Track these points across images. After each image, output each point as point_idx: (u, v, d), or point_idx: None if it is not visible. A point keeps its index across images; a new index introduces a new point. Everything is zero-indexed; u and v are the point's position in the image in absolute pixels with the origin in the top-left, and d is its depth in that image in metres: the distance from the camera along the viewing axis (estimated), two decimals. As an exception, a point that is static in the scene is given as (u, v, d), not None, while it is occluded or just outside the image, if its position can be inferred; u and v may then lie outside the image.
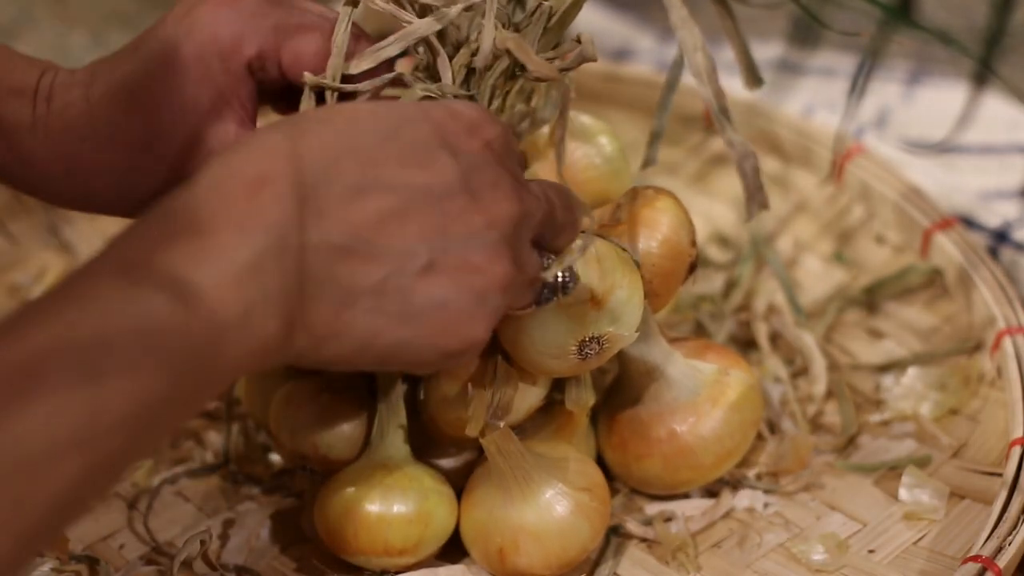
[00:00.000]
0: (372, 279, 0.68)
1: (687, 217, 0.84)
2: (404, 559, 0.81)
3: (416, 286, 0.69)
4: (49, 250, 1.02)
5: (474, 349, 0.72)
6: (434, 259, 0.69)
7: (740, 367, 0.86)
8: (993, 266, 0.95)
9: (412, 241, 0.69)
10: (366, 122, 0.70)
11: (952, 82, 1.15)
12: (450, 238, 0.70)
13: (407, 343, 0.70)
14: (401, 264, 0.69)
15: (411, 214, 0.69)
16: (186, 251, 0.63)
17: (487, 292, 0.71)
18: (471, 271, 0.70)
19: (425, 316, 0.70)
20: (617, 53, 1.20)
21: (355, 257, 0.68)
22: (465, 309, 0.70)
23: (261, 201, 0.65)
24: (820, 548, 0.84)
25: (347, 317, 0.68)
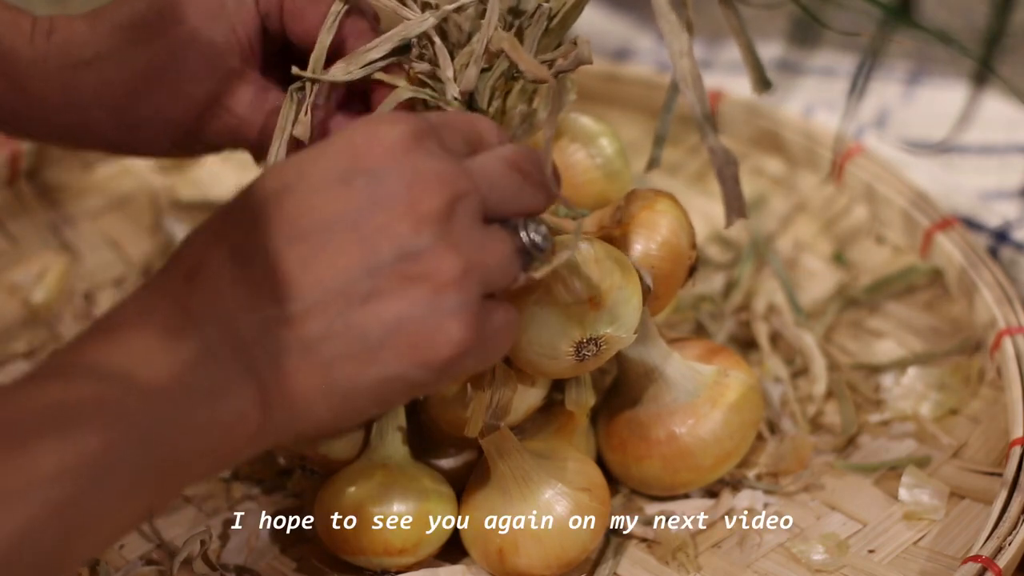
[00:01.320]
0: (322, 328, 0.67)
1: (687, 219, 0.84)
2: (404, 559, 0.81)
3: (366, 316, 0.68)
4: (49, 250, 1.02)
5: (464, 351, 0.70)
6: (373, 284, 0.68)
7: (740, 368, 0.86)
8: (993, 266, 0.95)
9: (343, 276, 0.68)
10: (272, 181, 0.69)
11: (952, 82, 1.15)
12: (380, 256, 0.68)
13: (388, 375, 0.69)
14: (342, 302, 0.68)
15: (331, 250, 0.68)
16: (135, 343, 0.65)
17: (442, 292, 0.68)
18: (414, 280, 0.68)
19: (389, 341, 0.68)
20: (617, 53, 1.20)
21: (297, 314, 0.67)
22: (425, 318, 0.68)
23: (197, 291, 0.66)
24: (820, 548, 0.84)
25: (316, 375, 0.68)
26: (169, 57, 0.79)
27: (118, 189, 1.06)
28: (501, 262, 0.71)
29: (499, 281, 0.71)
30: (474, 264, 0.69)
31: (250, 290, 0.67)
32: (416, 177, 0.69)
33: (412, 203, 0.69)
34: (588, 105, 1.05)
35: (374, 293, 0.68)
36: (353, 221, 0.68)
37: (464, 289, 0.69)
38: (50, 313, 0.98)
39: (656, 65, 1.18)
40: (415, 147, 0.70)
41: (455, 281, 0.69)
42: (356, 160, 0.69)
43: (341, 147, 0.70)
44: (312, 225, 0.68)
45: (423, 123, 0.71)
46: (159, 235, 1.04)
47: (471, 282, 0.69)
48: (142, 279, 1.00)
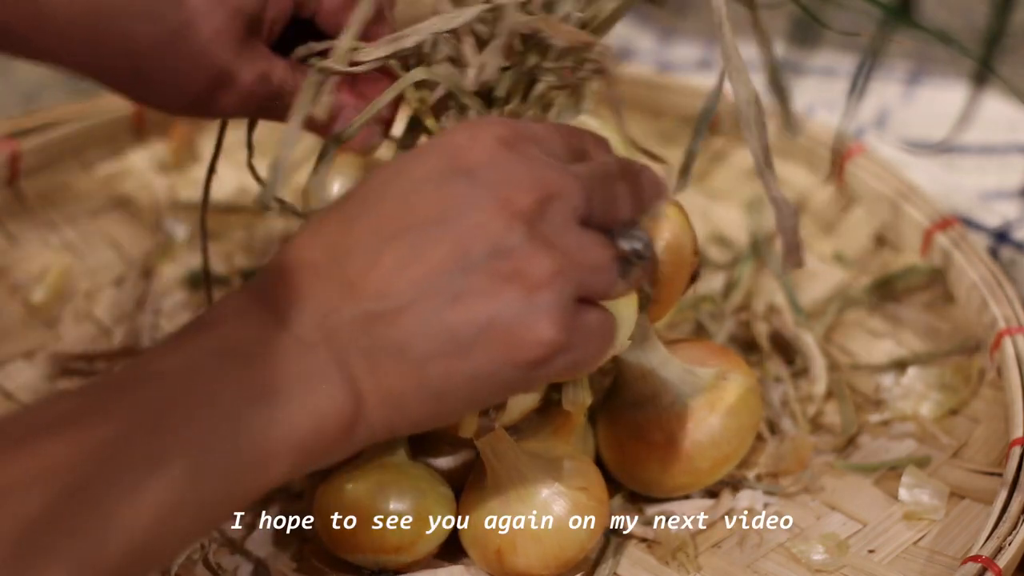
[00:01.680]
0: (416, 326, 0.68)
1: (690, 225, 0.84)
2: (401, 557, 0.81)
3: (459, 315, 0.68)
4: (49, 250, 1.02)
5: (555, 351, 0.69)
6: (466, 283, 0.68)
7: (739, 369, 0.86)
8: (993, 266, 0.95)
9: (436, 274, 0.68)
10: (376, 179, 0.71)
11: (952, 82, 1.15)
12: (472, 255, 0.68)
13: (480, 373, 0.69)
14: (436, 301, 0.68)
15: (425, 249, 0.68)
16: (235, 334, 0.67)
17: (533, 292, 0.68)
18: (506, 279, 0.68)
19: (480, 339, 0.68)
20: (617, 53, 1.20)
21: (391, 312, 0.68)
22: (516, 317, 0.68)
23: (299, 286, 0.67)
24: (820, 548, 0.84)
25: (410, 373, 0.68)
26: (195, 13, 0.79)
27: (118, 189, 1.06)
28: (598, 266, 0.71)
29: (595, 286, 0.71)
30: (567, 265, 0.69)
31: (346, 287, 0.68)
32: (511, 175, 0.69)
33: (505, 201, 0.69)
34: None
35: (467, 291, 0.68)
36: (448, 220, 0.69)
37: (555, 289, 0.69)
38: (50, 313, 0.98)
39: (656, 65, 1.18)
40: (514, 148, 0.70)
41: (547, 280, 0.69)
42: (454, 160, 0.70)
43: (441, 147, 0.71)
44: (408, 224, 0.69)
45: (524, 127, 0.72)
46: (159, 235, 1.04)
47: (563, 282, 0.69)
48: (142, 279, 1.00)
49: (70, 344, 0.96)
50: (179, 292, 1.00)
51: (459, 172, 0.69)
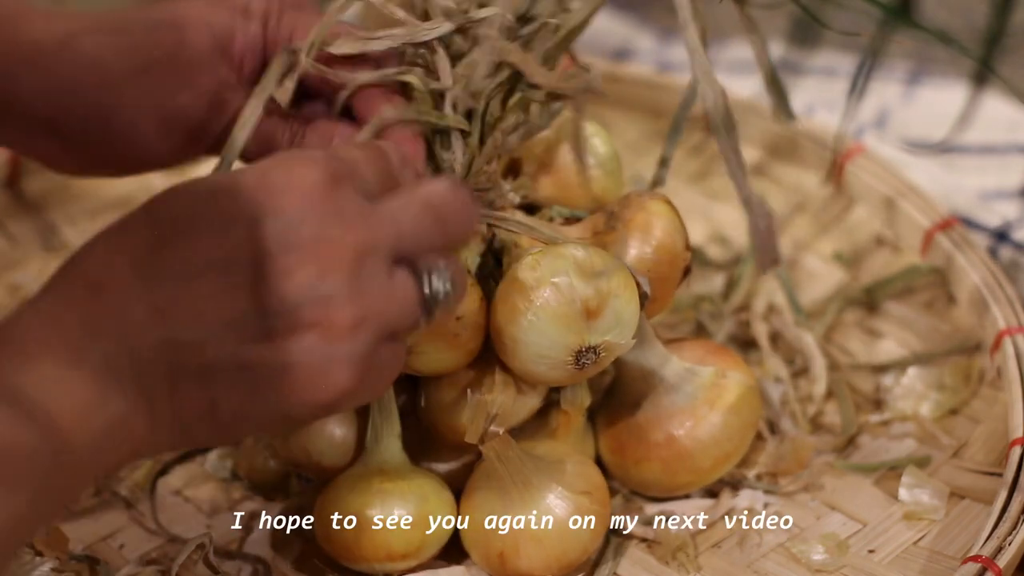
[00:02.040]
0: (215, 359, 0.68)
1: (681, 221, 0.84)
2: (406, 563, 0.81)
3: (258, 355, 0.69)
4: (49, 250, 1.02)
5: (347, 395, 0.71)
6: (269, 325, 0.69)
7: (738, 368, 0.86)
8: (993, 266, 0.95)
9: (241, 314, 0.68)
10: (183, 202, 0.70)
11: (952, 82, 1.15)
12: (279, 299, 0.69)
13: (271, 410, 0.70)
14: (237, 338, 0.68)
15: (233, 287, 0.68)
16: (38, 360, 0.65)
17: (333, 341, 0.69)
18: (308, 326, 0.69)
19: (276, 380, 0.69)
20: (617, 53, 1.20)
21: (195, 342, 0.68)
22: (314, 363, 0.69)
23: (101, 306, 0.67)
24: (820, 548, 0.84)
25: (204, 402, 0.69)
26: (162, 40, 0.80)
27: (118, 189, 1.06)
28: (402, 311, 0.72)
29: (399, 327, 0.72)
30: (372, 314, 0.70)
31: (153, 312, 0.68)
32: (326, 227, 0.70)
33: (319, 252, 0.69)
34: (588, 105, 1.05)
35: (268, 334, 0.69)
36: (259, 261, 0.69)
37: (356, 339, 0.70)
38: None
39: (656, 65, 1.18)
40: (330, 194, 0.70)
41: (348, 331, 0.69)
42: (270, 199, 0.70)
43: (257, 183, 0.70)
44: (218, 259, 0.69)
45: (340, 166, 0.71)
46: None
47: (365, 332, 0.70)
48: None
49: (70, 344, 0.96)
50: (179, 292, 1.00)
51: (274, 213, 0.69)
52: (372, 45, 0.80)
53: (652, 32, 1.22)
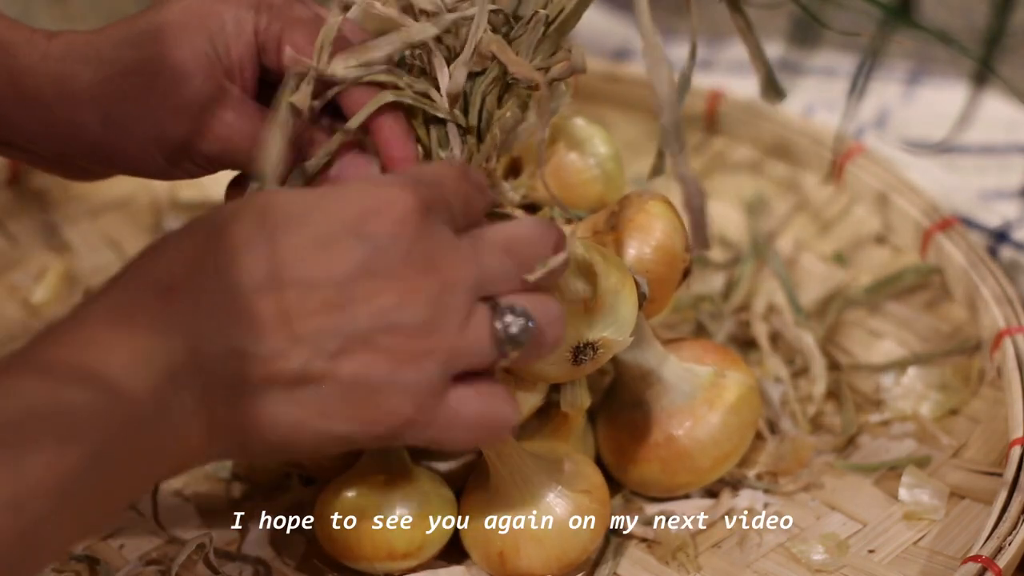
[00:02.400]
0: (283, 373, 0.68)
1: (681, 222, 0.84)
2: (407, 562, 0.81)
3: (326, 373, 0.69)
4: (49, 250, 1.02)
5: (406, 426, 0.71)
6: (341, 345, 0.69)
7: (737, 368, 0.86)
8: (993, 266, 0.95)
9: (317, 332, 0.68)
10: (274, 214, 0.70)
11: (952, 82, 1.15)
12: (356, 323, 0.69)
13: (331, 429, 0.70)
14: (308, 355, 0.68)
15: (313, 305, 0.68)
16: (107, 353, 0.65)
17: (400, 367, 0.70)
18: (380, 350, 0.69)
19: (340, 400, 0.69)
20: (617, 53, 1.20)
21: (265, 355, 0.68)
22: (379, 388, 0.70)
23: (172, 308, 0.67)
24: (820, 548, 0.84)
25: (266, 415, 0.69)
26: (164, 68, 0.79)
27: (118, 189, 1.06)
28: (477, 348, 0.71)
29: (474, 364, 0.72)
30: (443, 348, 0.70)
31: (225, 320, 0.67)
32: (415, 255, 0.70)
33: (404, 280, 0.70)
34: (588, 105, 1.05)
35: (340, 353, 0.69)
36: (342, 282, 0.69)
37: (422, 369, 0.70)
38: (50, 313, 0.98)
39: (656, 65, 1.18)
40: (422, 223, 0.70)
41: (416, 359, 0.70)
42: (363, 222, 0.70)
43: (348, 203, 0.70)
44: (301, 276, 0.69)
45: (431, 195, 0.71)
46: (159, 235, 1.03)
47: (434, 364, 0.70)
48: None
49: (70, 344, 0.96)
50: (179, 292, 1.00)
51: (364, 236, 0.69)
52: (372, 54, 0.79)
53: (652, 32, 1.22)
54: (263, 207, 0.70)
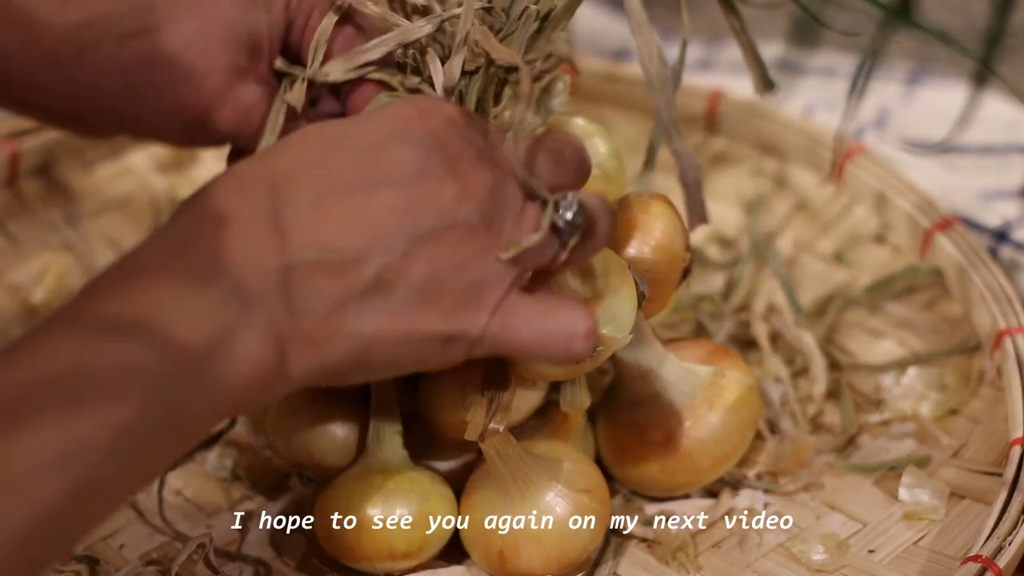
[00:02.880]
0: (352, 284, 0.69)
1: (681, 222, 0.84)
2: (407, 562, 0.81)
3: (397, 275, 0.69)
4: (49, 250, 1.02)
5: (477, 326, 0.71)
6: (409, 247, 0.69)
7: (737, 368, 0.86)
8: (993, 266, 0.95)
9: (383, 237, 0.69)
10: (316, 138, 0.71)
11: (952, 82, 1.15)
12: (420, 222, 0.70)
13: (408, 335, 0.70)
14: (377, 260, 0.69)
15: (374, 211, 0.69)
16: (159, 288, 0.65)
17: (468, 265, 0.70)
18: (450, 248, 0.70)
19: (416, 305, 0.70)
20: (617, 53, 1.20)
21: (331, 267, 0.68)
22: (450, 288, 0.70)
23: (229, 235, 0.67)
24: (820, 548, 0.84)
25: (338, 325, 0.69)
26: (190, 34, 0.79)
27: (118, 189, 1.06)
28: (536, 239, 0.72)
29: (534, 260, 0.73)
30: (504, 241, 0.71)
31: (288, 236, 0.68)
32: (461, 153, 0.71)
33: (458, 176, 0.71)
34: (588, 105, 1.05)
35: (407, 255, 0.69)
36: (397, 183, 0.70)
37: (486, 263, 0.71)
38: (50, 313, 0.98)
39: (656, 65, 1.18)
40: (461, 128, 0.72)
41: (480, 253, 0.71)
42: (404, 130, 0.71)
43: (387, 117, 0.72)
44: (355, 182, 0.69)
45: (466, 112, 0.73)
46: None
47: (495, 258, 0.71)
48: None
49: (70, 344, 0.96)
50: (179, 292, 1.00)
51: (409, 142, 0.71)
52: (367, 56, 0.80)
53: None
54: (303, 135, 0.71)
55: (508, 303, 0.72)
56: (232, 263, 0.67)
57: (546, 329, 0.73)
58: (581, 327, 0.73)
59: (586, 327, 0.73)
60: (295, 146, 0.71)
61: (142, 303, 0.65)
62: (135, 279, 0.66)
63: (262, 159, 0.71)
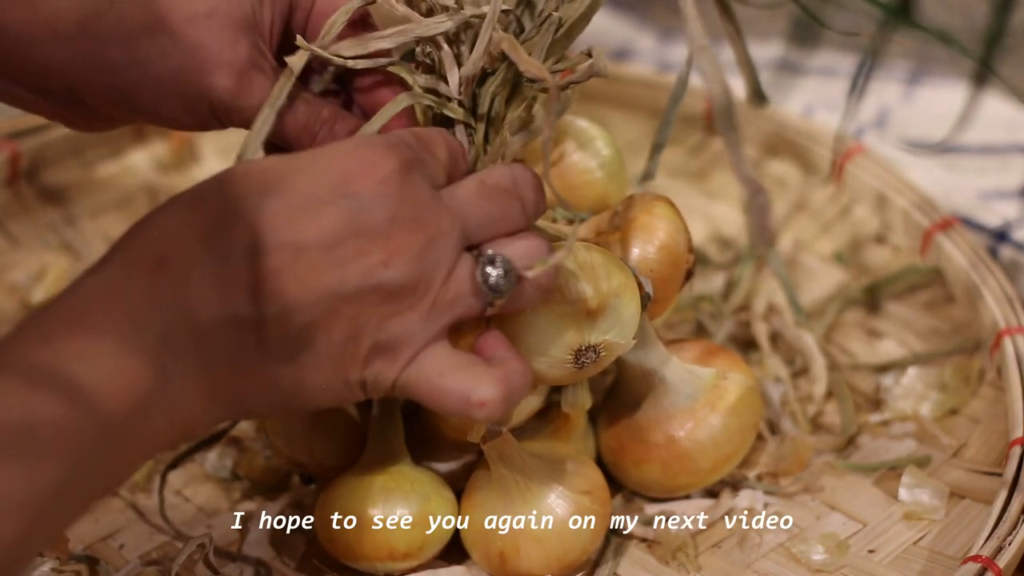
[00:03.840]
0: (280, 335, 0.69)
1: (684, 224, 0.84)
2: (408, 563, 0.81)
3: (320, 331, 0.70)
4: (49, 250, 1.02)
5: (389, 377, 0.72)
6: (334, 305, 0.70)
7: (739, 369, 0.86)
8: (993, 266, 0.95)
9: (310, 292, 0.69)
10: (258, 180, 0.71)
11: (952, 82, 1.15)
12: (347, 282, 0.70)
13: (331, 382, 0.71)
14: (304, 316, 0.69)
15: (303, 267, 0.69)
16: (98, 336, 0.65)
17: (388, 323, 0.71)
18: (373, 307, 0.71)
19: (335, 359, 0.71)
20: (617, 53, 1.20)
21: (261, 318, 0.69)
22: (367, 344, 0.71)
23: (166, 280, 0.67)
24: (820, 548, 0.84)
25: (262, 375, 0.70)
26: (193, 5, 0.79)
27: (118, 189, 1.06)
28: (461, 299, 0.73)
29: (460, 315, 0.73)
30: (427, 301, 0.72)
31: (221, 288, 0.68)
32: (400, 213, 0.71)
33: (390, 237, 0.71)
34: (588, 105, 1.05)
35: (331, 312, 0.70)
36: (331, 243, 0.70)
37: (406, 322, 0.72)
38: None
39: (656, 65, 1.18)
40: (404, 181, 0.72)
41: (400, 313, 0.71)
42: (346, 183, 0.71)
43: (331, 165, 0.71)
44: (291, 237, 0.69)
45: (411, 155, 0.73)
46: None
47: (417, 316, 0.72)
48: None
49: (70, 344, 0.96)
50: (179, 292, 1.00)
51: (349, 196, 0.71)
52: (381, 43, 0.79)
53: (652, 32, 1.22)
54: (247, 175, 0.71)
55: (421, 358, 0.73)
56: (167, 311, 0.67)
57: (444, 388, 0.73)
58: (476, 395, 0.73)
59: (481, 396, 0.72)
60: (237, 184, 0.71)
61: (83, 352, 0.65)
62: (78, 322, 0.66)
63: (208, 192, 0.70)
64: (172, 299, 0.67)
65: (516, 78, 0.79)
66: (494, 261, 0.73)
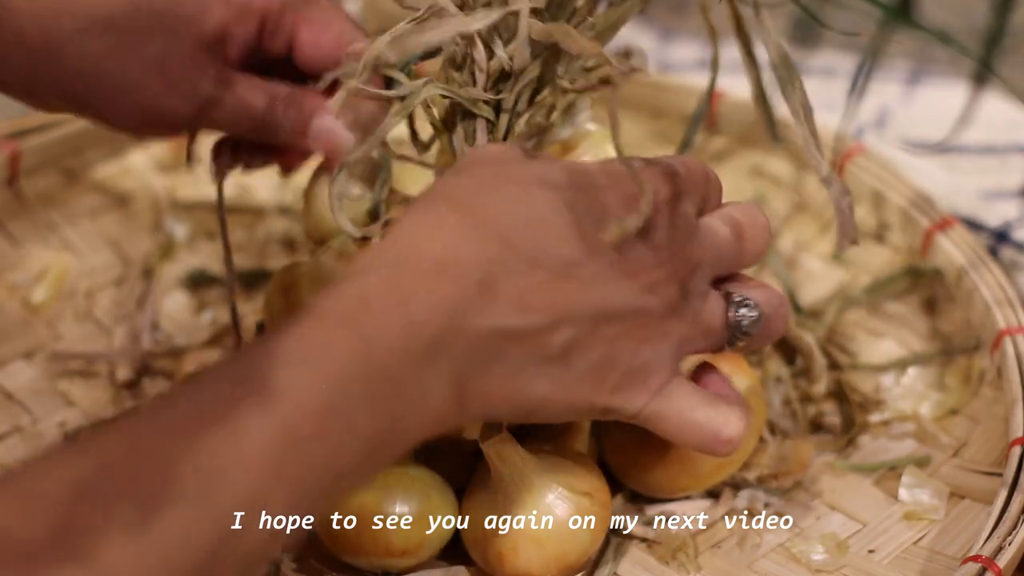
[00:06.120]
0: (537, 352, 0.70)
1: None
2: (405, 560, 0.81)
3: (581, 352, 0.71)
4: (49, 250, 1.02)
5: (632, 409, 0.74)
6: (597, 326, 0.71)
7: (741, 372, 0.86)
8: (993, 266, 0.95)
9: (578, 313, 0.71)
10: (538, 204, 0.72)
11: (952, 82, 1.15)
12: (613, 302, 0.71)
13: (572, 403, 0.73)
14: (565, 334, 0.71)
15: (574, 284, 0.71)
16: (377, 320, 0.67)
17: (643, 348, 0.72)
18: (632, 331, 0.72)
19: (586, 378, 0.72)
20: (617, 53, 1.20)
21: (524, 334, 0.70)
22: (620, 368, 0.72)
23: (444, 286, 0.68)
24: (820, 548, 0.84)
25: (514, 387, 0.71)
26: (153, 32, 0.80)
27: (118, 189, 1.06)
28: (711, 334, 0.75)
29: (702, 348, 0.76)
30: (683, 330, 0.74)
31: (491, 300, 0.69)
32: (671, 241, 0.73)
33: (659, 264, 0.72)
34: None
35: (593, 332, 0.71)
36: (604, 264, 0.71)
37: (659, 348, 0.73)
38: (50, 313, 0.98)
39: (656, 65, 1.18)
40: (674, 210, 0.74)
41: (656, 339, 0.73)
42: (623, 210, 0.72)
43: (611, 187, 0.73)
44: (564, 258, 0.70)
45: (681, 182, 0.74)
46: (159, 235, 1.04)
47: (668, 344, 0.74)
48: (142, 279, 1.00)
49: (70, 344, 0.96)
50: (179, 292, 1.00)
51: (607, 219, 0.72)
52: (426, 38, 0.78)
53: (652, 32, 1.22)
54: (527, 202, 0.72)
55: (669, 390, 0.74)
56: (442, 314, 0.68)
57: (696, 423, 0.75)
58: (726, 432, 0.75)
59: (730, 433, 0.75)
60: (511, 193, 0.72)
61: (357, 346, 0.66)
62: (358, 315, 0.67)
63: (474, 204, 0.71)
64: (447, 305, 0.68)
65: (539, 82, 0.79)
66: (748, 304, 0.75)
